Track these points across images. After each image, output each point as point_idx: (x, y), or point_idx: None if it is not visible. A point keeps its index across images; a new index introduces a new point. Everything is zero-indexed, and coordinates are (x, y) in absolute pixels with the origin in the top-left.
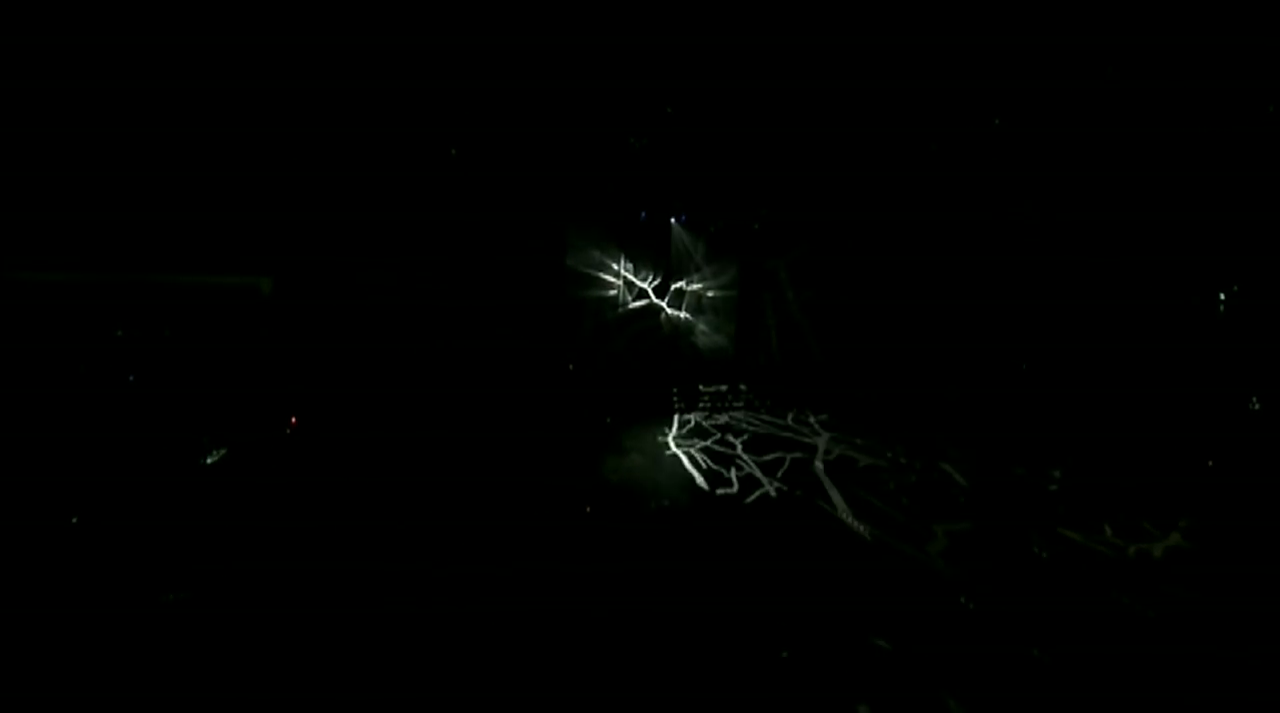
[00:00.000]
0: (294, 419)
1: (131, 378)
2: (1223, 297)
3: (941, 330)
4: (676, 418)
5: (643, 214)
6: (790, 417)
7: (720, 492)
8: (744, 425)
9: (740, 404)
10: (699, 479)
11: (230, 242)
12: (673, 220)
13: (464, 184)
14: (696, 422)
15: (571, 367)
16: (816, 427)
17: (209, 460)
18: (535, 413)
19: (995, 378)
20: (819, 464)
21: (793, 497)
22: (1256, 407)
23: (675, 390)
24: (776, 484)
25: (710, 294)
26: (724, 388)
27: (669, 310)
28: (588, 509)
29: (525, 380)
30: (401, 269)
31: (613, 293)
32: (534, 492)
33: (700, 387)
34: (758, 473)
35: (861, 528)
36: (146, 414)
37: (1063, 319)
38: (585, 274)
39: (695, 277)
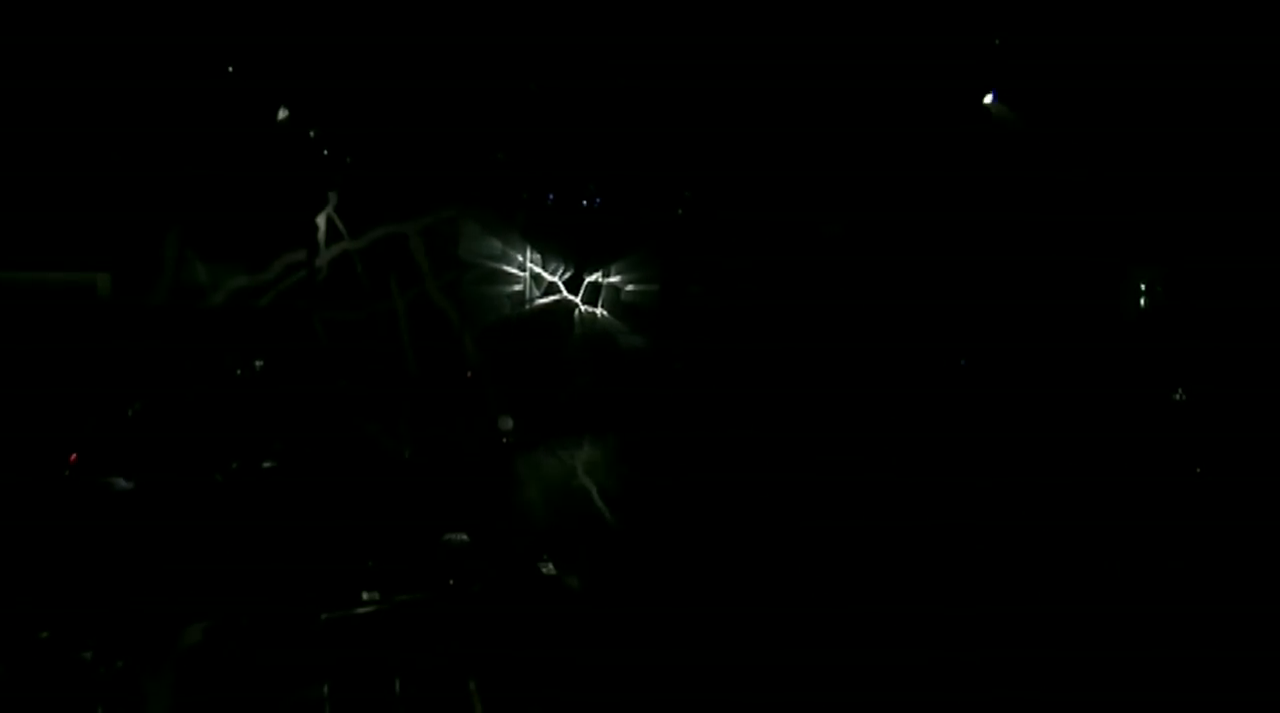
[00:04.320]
0: (74, 456)
1: None
2: (1143, 287)
3: (886, 328)
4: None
5: (550, 196)
6: None
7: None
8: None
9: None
10: (610, 519)
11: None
12: (585, 203)
13: (332, 162)
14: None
15: (470, 374)
16: None
17: None
18: (414, 431)
19: (944, 377)
20: None
21: None
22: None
23: (589, 399)
24: None
25: (629, 288)
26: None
27: (583, 307)
28: (450, 582)
29: (407, 392)
30: (268, 265)
31: (517, 288)
32: (384, 547)
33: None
34: None
35: None
36: None
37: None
38: (483, 267)
39: (612, 268)
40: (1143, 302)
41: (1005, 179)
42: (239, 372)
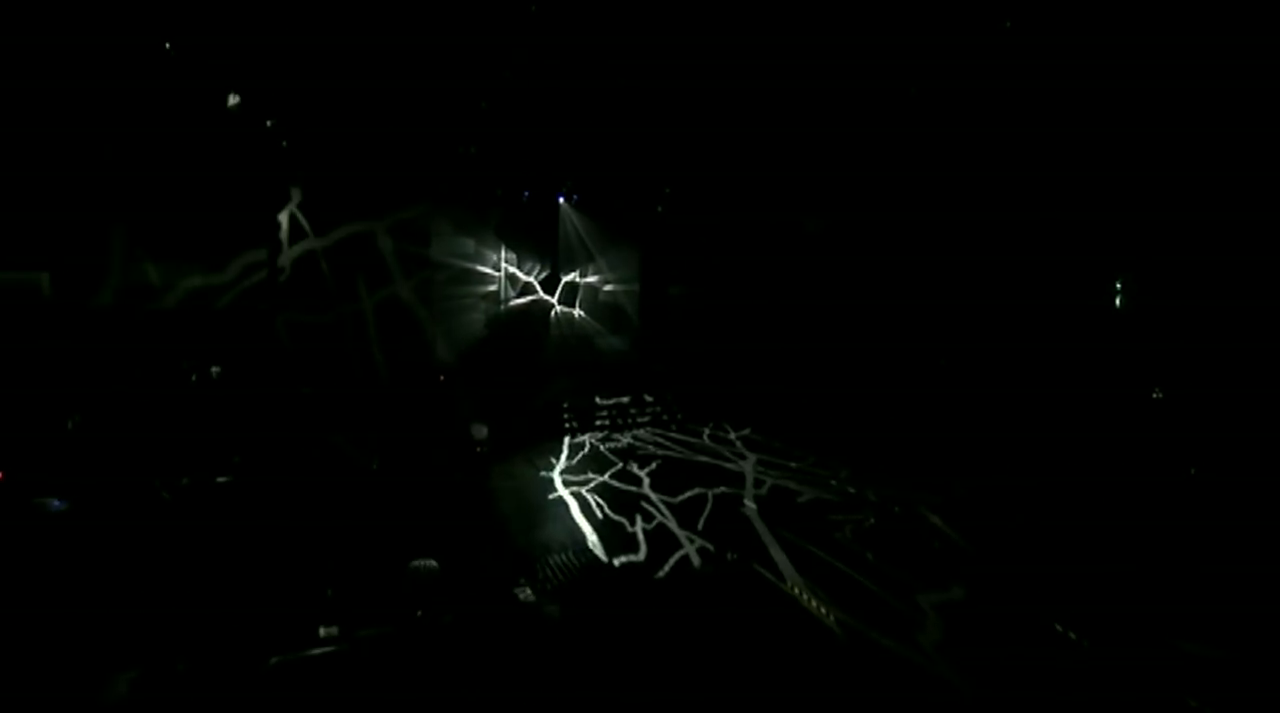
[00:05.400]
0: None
1: None
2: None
3: (871, 327)
4: (567, 442)
5: (525, 193)
6: (706, 434)
7: (621, 561)
8: (651, 449)
9: (646, 419)
10: (591, 539)
11: None
12: (561, 200)
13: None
14: (592, 446)
15: (442, 378)
16: (739, 446)
17: None
18: (383, 442)
19: (931, 379)
20: (750, 504)
21: (722, 562)
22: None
23: (566, 405)
24: (699, 541)
25: (608, 288)
26: (625, 400)
27: (559, 307)
28: (418, 613)
29: (379, 398)
30: (225, 265)
31: (491, 288)
32: (347, 573)
33: (597, 399)
34: (672, 523)
35: (824, 611)
36: None
37: (1002, 316)
38: (456, 267)
39: (590, 268)
40: (1119, 301)
41: (987, 180)
42: (194, 378)
